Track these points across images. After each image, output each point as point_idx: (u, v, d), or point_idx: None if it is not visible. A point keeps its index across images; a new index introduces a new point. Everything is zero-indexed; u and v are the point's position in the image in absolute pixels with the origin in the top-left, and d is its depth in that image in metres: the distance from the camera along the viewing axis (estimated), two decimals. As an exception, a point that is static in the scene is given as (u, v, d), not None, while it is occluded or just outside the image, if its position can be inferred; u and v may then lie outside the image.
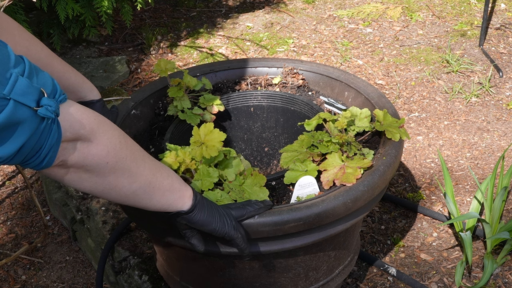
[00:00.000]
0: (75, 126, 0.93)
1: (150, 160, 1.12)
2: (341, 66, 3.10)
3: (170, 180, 1.16)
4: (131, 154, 1.05)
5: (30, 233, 2.44)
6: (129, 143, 1.06)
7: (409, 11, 3.60)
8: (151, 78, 3.08)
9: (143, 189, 1.10)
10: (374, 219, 2.18)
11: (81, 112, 0.95)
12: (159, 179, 1.13)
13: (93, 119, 0.96)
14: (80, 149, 0.96)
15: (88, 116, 0.96)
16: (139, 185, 1.08)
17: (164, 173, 1.15)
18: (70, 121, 0.92)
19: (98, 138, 0.97)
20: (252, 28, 3.52)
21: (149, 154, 1.14)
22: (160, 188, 1.13)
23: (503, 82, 2.92)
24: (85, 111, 0.96)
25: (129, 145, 1.05)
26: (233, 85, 1.88)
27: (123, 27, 3.53)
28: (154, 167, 1.12)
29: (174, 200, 1.17)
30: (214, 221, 1.21)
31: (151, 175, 1.10)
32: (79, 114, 0.94)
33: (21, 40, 1.31)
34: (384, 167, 1.43)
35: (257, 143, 1.90)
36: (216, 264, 1.47)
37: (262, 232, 1.31)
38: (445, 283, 1.91)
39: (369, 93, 1.72)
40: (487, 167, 2.38)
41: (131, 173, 1.05)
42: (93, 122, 0.96)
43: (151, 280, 1.90)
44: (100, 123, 0.98)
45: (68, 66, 1.46)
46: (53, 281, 2.22)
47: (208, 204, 1.23)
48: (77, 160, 0.96)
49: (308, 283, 1.55)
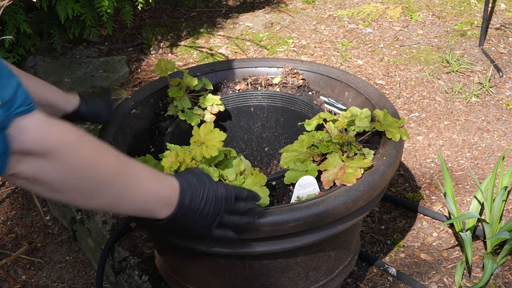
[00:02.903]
0: (30, 140, 0.88)
1: (122, 180, 1.03)
2: (341, 66, 3.10)
3: (144, 196, 1.08)
4: (96, 175, 0.98)
5: (30, 233, 2.44)
6: (98, 164, 0.99)
7: (409, 11, 3.60)
8: (151, 78, 3.08)
9: (108, 205, 1.04)
10: (374, 219, 2.18)
11: (41, 127, 0.90)
12: (128, 199, 1.06)
13: (55, 136, 0.91)
14: (34, 165, 0.91)
15: (49, 132, 0.91)
16: (102, 203, 1.03)
17: (136, 193, 1.06)
18: (25, 134, 0.88)
19: (57, 157, 0.92)
20: (252, 28, 3.52)
21: (129, 168, 1.06)
22: (129, 205, 1.07)
23: (503, 82, 2.92)
24: (48, 127, 0.91)
25: (97, 166, 0.98)
26: (233, 85, 1.88)
27: (123, 27, 3.53)
28: (124, 187, 1.04)
29: (148, 212, 1.11)
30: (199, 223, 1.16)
31: (118, 195, 1.03)
32: (37, 129, 0.89)
33: None
34: (384, 167, 1.43)
35: (257, 143, 1.90)
36: (216, 264, 1.47)
37: (262, 232, 1.31)
38: (445, 283, 1.91)
39: (369, 93, 1.72)
40: (487, 167, 2.38)
41: (91, 195, 1.00)
42: (53, 140, 0.91)
43: (151, 280, 1.90)
44: (62, 142, 0.92)
45: (42, 82, 1.45)
46: (53, 281, 2.22)
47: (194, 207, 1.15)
48: (31, 174, 0.92)
49: (308, 283, 1.55)
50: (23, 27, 2.83)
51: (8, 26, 2.81)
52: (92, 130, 2.58)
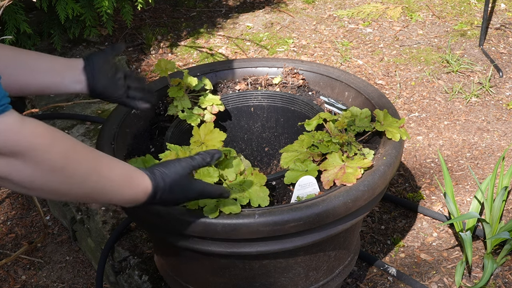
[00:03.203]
0: (1, 141, 0.88)
1: (94, 182, 1.03)
2: (341, 66, 3.10)
3: (114, 199, 1.09)
4: (66, 176, 0.97)
5: (30, 233, 2.44)
6: (69, 165, 0.97)
7: (409, 11, 3.60)
8: (151, 78, 3.08)
9: (77, 200, 1.05)
10: (374, 219, 2.18)
11: (14, 128, 0.89)
12: (98, 198, 1.05)
13: (27, 137, 0.90)
14: (5, 164, 0.91)
15: (21, 133, 0.90)
16: (71, 199, 1.04)
17: (106, 196, 1.06)
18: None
19: (28, 157, 0.91)
20: (252, 28, 3.52)
21: (101, 170, 1.04)
22: (98, 201, 1.07)
23: (503, 82, 2.92)
24: (20, 128, 0.90)
25: (67, 168, 0.97)
26: (233, 85, 1.88)
27: (123, 27, 3.53)
28: (94, 189, 1.03)
29: (114, 205, 1.13)
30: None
31: (88, 195, 1.03)
32: (9, 130, 0.89)
33: None
34: (384, 167, 1.43)
35: (257, 143, 1.90)
36: (216, 264, 1.47)
37: (262, 232, 1.31)
38: (445, 283, 1.91)
39: (369, 93, 1.72)
40: (487, 167, 2.38)
41: (61, 194, 0.99)
42: (25, 140, 0.90)
43: (151, 280, 1.90)
44: (34, 143, 0.91)
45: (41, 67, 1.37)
46: (53, 281, 2.22)
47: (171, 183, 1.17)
48: (1, 173, 0.92)
49: (308, 283, 1.55)
50: (23, 27, 2.83)
51: (8, 26, 2.81)
52: (92, 130, 2.58)
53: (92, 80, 1.41)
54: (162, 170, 1.16)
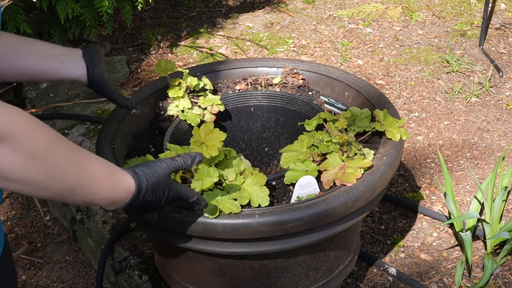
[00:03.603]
0: None
1: (75, 176, 0.99)
2: (341, 66, 3.10)
3: (95, 197, 1.05)
4: (48, 167, 0.94)
5: (30, 233, 2.44)
6: (51, 155, 0.94)
7: (409, 11, 3.60)
8: (151, 78, 3.08)
9: (58, 197, 1.00)
10: (374, 219, 2.18)
11: None
12: (79, 194, 1.02)
13: (8, 122, 0.88)
14: None
15: (2, 117, 0.87)
16: (51, 195, 0.99)
17: (87, 191, 1.03)
18: None
19: (8, 143, 0.88)
20: (252, 28, 3.52)
21: (84, 164, 1.01)
22: (78, 199, 1.03)
23: (503, 82, 2.92)
24: (1, 113, 0.87)
25: (49, 158, 0.94)
26: (233, 85, 1.88)
27: (123, 27, 3.53)
28: (75, 184, 1.00)
29: (94, 206, 1.08)
30: None
31: (69, 190, 1.00)
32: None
33: None
34: (384, 167, 1.43)
35: (257, 143, 1.90)
36: (216, 264, 1.47)
37: (262, 232, 1.31)
38: (445, 283, 1.91)
39: (369, 93, 1.72)
40: (487, 167, 2.38)
41: (44, 187, 0.96)
42: (5, 125, 0.87)
43: (151, 280, 1.90)
44: (15, 128, 0.89)
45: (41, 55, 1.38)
46: (53, 281, 2.22)
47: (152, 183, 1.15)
48: None
49: (308, 283, 1.55)
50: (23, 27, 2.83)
51: (8, 26, 2.81)
52: (92, 130, 2.58)
53: (91, 67, 1.44)
54: (145, 170, 1.14)
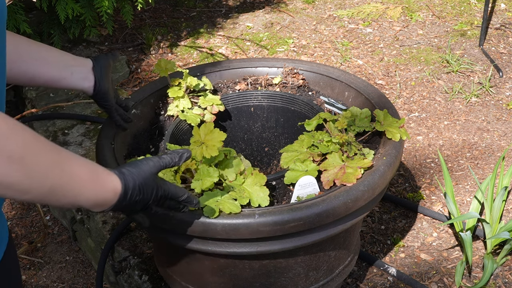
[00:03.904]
0: None
1: (57, 177, 0.96)
2: (341, 66, 3.10)
3: (80, 198, 1.02)
4: (28, 169, 0.91)
5: (30, 233, 2.44)
6: (31, 156, 0.91)
7: (409, 11, 3.60)
8: (151, 78, 3.08)
9: (39, 200, 0.97)
10: (374, 219, 2.18)
11: None
12: (61, 197, 0.98)
13: None
14: None
15: None
16: (32, 197, 0.95)
17: (70, 193, 0.99)
18: None
19: None
20: (252, 28, 3.52)
21: (66, 165, 0.97)
22: (61, 202, 1.00)
23: (503, 82, 2.92)
24: None
25: (28, 159, 0.91)
26: (233, 85, 1.88)
27: (123, 27, 3.53)
28: (58, 185, 0.97)
29: (79, 207, 1.05)
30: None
31: (51, 192, 0.96)
32: None
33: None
34: (384, 167, 1.43)
35: (257, 143, 1.90)
36: (216, 264, 1.47)
37: (262, 232, 1.31)
38: (445, 283, 1.91)
39: (369, 93, 1.72)
40: (487, 167, 2.38)
41: (25, 189, 0.92)
42: None
43: (151, 280, 1.90)
44: None
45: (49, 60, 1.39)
46: (53, 281, 2.22)
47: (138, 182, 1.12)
48: None
49: (308, 283, 1.55)
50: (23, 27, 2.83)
51: (8, 26, 2.81)
52: (92, 130, 2.58)
53: (99, 82, 1.47)
54: (131, 170, 1.12)
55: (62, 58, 1.42)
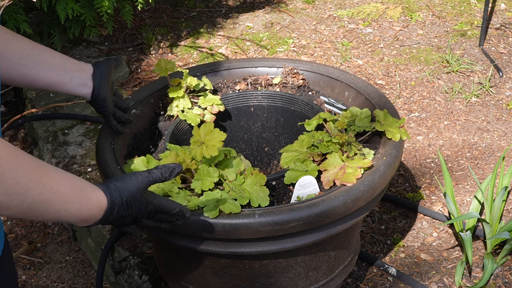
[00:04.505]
0: None
1: (38, 193, 0.94)
2: (341, 66, 3.10)
3: (63, 215, 1.00)
4: (7, 186, 0.89)
5: (30, 233, 2.44)
6: (9, 171, 0.88)
7: (409, 11, 3.60)
8: (151, 78, 3.08)
9: (23, 215, 0.95)
10: (374, 219, 2.18)
11: None
12: (44, 212, 0.96)
13: None
14: None
15: None
16: (14, 214, 0.93)
17: (53, 209, 0.97)
18: None
19: None
20: (252, 28, 3.52)
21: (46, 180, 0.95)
22: (45, 217, 0.98)
23: (503, 82, 2.92)
24: None
25: (6, 174, 0.89)
26: (233, 85, 1.88)
27: (123, 27, 3.53)
28: (39, 201, 0.94)
29: (78, 219, 1.03)
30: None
31: (32, 207, 0.94)
32: None
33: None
34: (384, 167, 1.43)
35: (257, 143, 1.90)
36: (216, 264, 1.47)
37: (262, 232, 1.31)
38: (445, 283, 1.91)
39: (369, 93, 1.72)
40: (487, 167, 2.38)
41: (5, 206, 0.90)
42: None
43: (151, 280, 1.90)
44: None
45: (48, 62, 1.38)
46: (53, 281, 2.22)
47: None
48: None
49: (308, 283, 1.55)
50: (23, 27, 2.83)
51: (8, 26, 2.81)
52: (92, 130, 2.58)
53: (98, 87, 1.46)
54: (118, 185, 1.09)
55: (63, 63, 1.41)
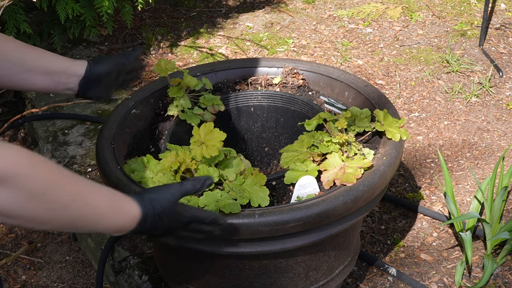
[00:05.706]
0: None
1: (77, 210, 0.99)
2: (341, 66, 3.10)
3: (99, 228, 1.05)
4: (48, 203, 0.93)
5: (30, 233, 2.44)
6: (51, 192, 0.93)
7: (409, 11, 3.60)
8: (151, 78, 3.08)
9: (61, 228, 1.00)
10: (374, 219, 2.18)
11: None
12: (82, 225, 1.01)
13: (8, 164, 0.87)
14: None
15: (3, 159, 0.86)
16: (53, 227, 0.98)
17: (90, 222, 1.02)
18: None
19: (8, 184, 0.87)
20: (252, 28, 3.52)
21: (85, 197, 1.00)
22: (82, 229, 1.03)
23: (503, 82, 2.92)
24: (2, 154, 0.86)
25: (49, 194, 0.93)
26: (233, 85, 1.88)
27: (123, 27, 3.53)
28: (77, 217, 0.99)
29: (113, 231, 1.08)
30: None
31: (71, 222, 0.99)
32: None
33: None
34: (384, 167, 1.43)
35: (257, 143, 1.90)
36: (216, 264, 1.47)
37: (262, 232, 1.31)
38: (445, 283, 1.91)
39: (369, 93, 1.72)
40: (487, 167, 2.38)
41: (42, 221, 0.95)
42: (6, 167, 0.87)
43: (151, 280, 1.90)
44: (16, 169, 0.88)
45: (41, 51, 1.38)
46: (53, 281, 2.22)
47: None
48: None
49: (308, 283, 1.55)
50: (23, 27, 2.83)
51: (8, 26, 2.81)
52: (92, 130, 2.58)
53: (84, 90, 1.43)
54: (152, 196, 1.13)
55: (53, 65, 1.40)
